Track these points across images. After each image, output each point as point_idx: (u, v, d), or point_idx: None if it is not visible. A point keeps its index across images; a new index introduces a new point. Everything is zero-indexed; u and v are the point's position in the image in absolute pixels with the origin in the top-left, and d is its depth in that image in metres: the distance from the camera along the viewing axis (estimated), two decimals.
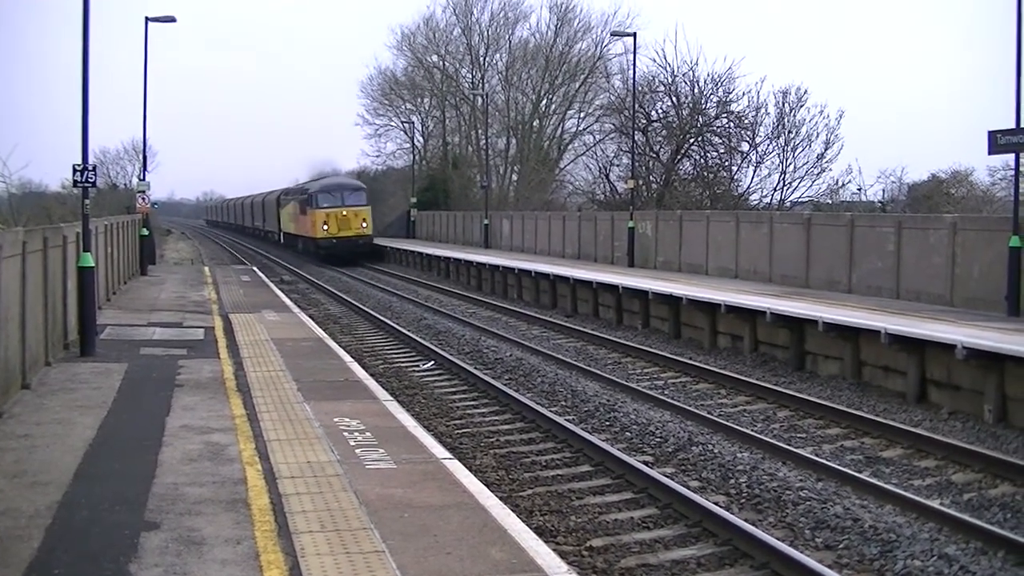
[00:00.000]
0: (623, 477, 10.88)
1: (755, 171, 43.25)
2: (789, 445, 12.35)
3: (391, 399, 12.11)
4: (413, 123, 69.08)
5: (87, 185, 15.34)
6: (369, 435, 9.82)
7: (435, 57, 68.20)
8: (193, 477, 8.25)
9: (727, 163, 44.05)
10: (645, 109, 44.15)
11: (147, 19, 31.56)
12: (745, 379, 16.76)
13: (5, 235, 11.94)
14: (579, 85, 62.67)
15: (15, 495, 7.72)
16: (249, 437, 9.69)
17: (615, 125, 48.46)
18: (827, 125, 41.27)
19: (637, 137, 40.84)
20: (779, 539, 8.77)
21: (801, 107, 41.83)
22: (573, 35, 63.70)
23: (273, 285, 30.16)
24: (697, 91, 43.67)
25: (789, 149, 42.16)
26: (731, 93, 43.29)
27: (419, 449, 9.34)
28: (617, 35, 53.21)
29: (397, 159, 72.07)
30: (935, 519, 9.47)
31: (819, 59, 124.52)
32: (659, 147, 45.18)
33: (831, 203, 41.63)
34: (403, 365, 19.03)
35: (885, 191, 44.38)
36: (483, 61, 66.45)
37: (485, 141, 61.86)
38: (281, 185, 70.70)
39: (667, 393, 15.97)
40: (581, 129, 62.30)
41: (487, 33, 66.20)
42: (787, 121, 42.07)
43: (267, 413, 10.80)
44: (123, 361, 14.35)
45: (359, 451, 9.16)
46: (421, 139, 71.03)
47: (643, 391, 15.83)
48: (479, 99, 61.23)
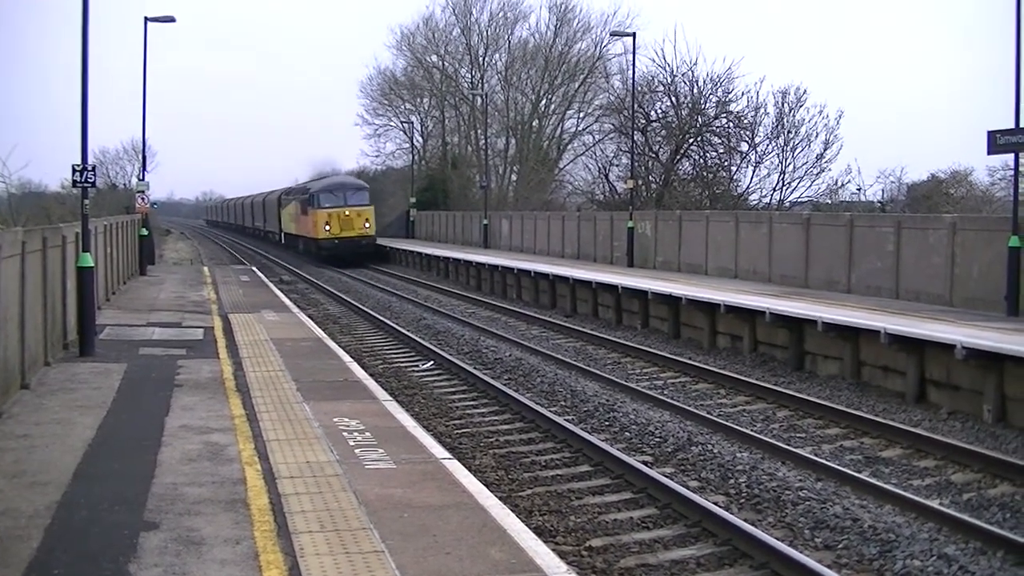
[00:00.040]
0: (622, 477, 10.89)
1: (754, 171, 43.31)
2: (788, 445, 12.35)
3: (390, 399, 12.11)
4: (412, 123, 69.07)
5: (86, 185, 15.34)
6: (368, 435, 9.82)
7: (434, 57, 68.28)
8: (192, 477, 8.25)
9: (726, 163, 44.03)
10: (644, 109, 44.11)
11: (146, 19, 31.54)
12: (744, 379, 16.77)
13: (4, 235, 11.93)
14: (578, 85, 62.68)
15: (14, 495, 7.72)
16: (248, 437, 9.69)
17: (614, 125, 48.44)
18: (826, 125, 41.31)
19: (636, 137, 40.80)
20: (778, 539, 8.78)
21: (800, 107, 41.85)
22: (572, 35, 63.80)
23: (272, 285, 30.15)
24: (696, 91, 43.68)
25: (788, 149, 42.16)
26: (730, 93, 43.32)
27: (418, 449, 9.35)
28: (616, 35, 53.23)
29: (396, 159, 72.24)
30: (934, 519, 9.47)
31: (819, 59, 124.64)
32: (658, 147, 45.15)
33: (830, 203, 41.63)
34: (402, 365, 19.03)
35: (884, 191, 44.44)
36: (482, 61, 66.55)
37: (484, 141, 61.85)
38: (281, 185, 70.72)
39: (666, 393, 15.98)
40: (580, 129, 62.43)
41: (486, 33, 66.28)
42: (786, 121, 42.07)
43: (266, 413, 10.80)
44: (122, 361, 14.35)
45: (358, 451, 9.16)
46: (420, 139, 71.10)
47: (642, 391, 15.83)
48: (478, 99, 61.22)
